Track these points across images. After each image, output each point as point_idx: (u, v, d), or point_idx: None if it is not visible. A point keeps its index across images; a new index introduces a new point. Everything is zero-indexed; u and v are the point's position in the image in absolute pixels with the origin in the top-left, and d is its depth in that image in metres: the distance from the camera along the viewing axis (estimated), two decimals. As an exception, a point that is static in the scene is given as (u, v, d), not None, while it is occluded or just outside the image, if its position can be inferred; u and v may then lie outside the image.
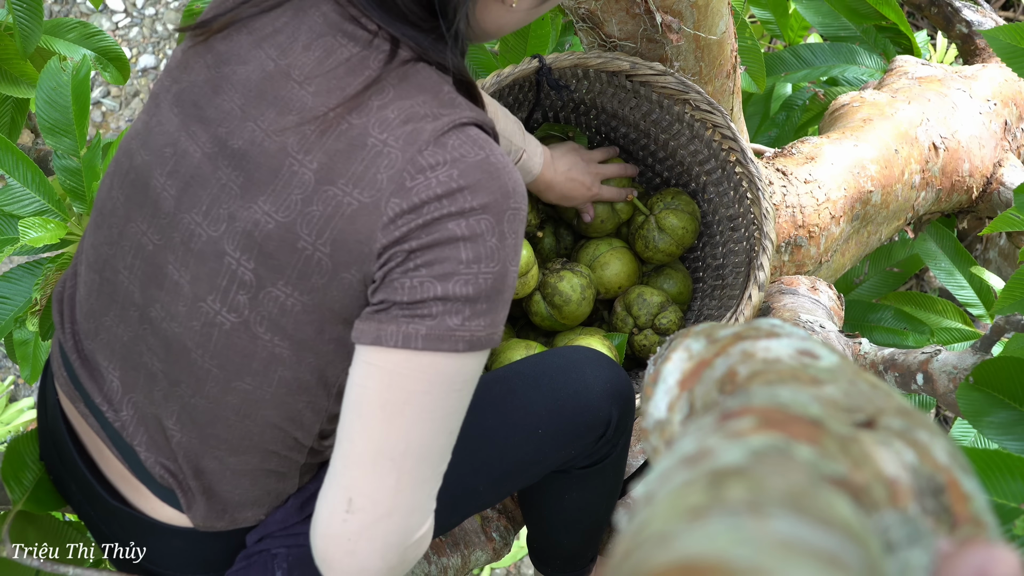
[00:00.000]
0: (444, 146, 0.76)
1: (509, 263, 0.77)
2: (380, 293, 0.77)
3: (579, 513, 1.22)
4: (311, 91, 0.78)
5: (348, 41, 0.80)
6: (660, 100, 1.44)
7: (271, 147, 0.77)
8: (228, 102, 0.80)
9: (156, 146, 0.84)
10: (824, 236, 1.57)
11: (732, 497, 0.27)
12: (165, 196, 0.83)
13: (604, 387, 1.08)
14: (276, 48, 0.80)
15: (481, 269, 0.75)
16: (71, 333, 0.96)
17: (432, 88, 0.79)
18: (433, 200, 0.74)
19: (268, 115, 0.78)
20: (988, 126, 1.76)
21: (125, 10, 3.18)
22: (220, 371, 0.83)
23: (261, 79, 0.79)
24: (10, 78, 1.42)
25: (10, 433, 2.24)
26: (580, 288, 1.37)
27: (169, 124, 0.84)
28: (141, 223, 0.85)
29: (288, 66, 0.79)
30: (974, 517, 0.32)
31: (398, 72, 0.78)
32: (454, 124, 0.77)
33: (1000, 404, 0.86)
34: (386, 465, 0.76)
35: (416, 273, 0.75)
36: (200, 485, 0.89)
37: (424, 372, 0.75)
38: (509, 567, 2.30)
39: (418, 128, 0.76)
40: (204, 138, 0.81)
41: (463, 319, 0.75)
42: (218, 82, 0.81)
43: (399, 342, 0.75)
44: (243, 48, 0.81)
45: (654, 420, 0.48)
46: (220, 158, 0.80)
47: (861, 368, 0.48)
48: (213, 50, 0.83)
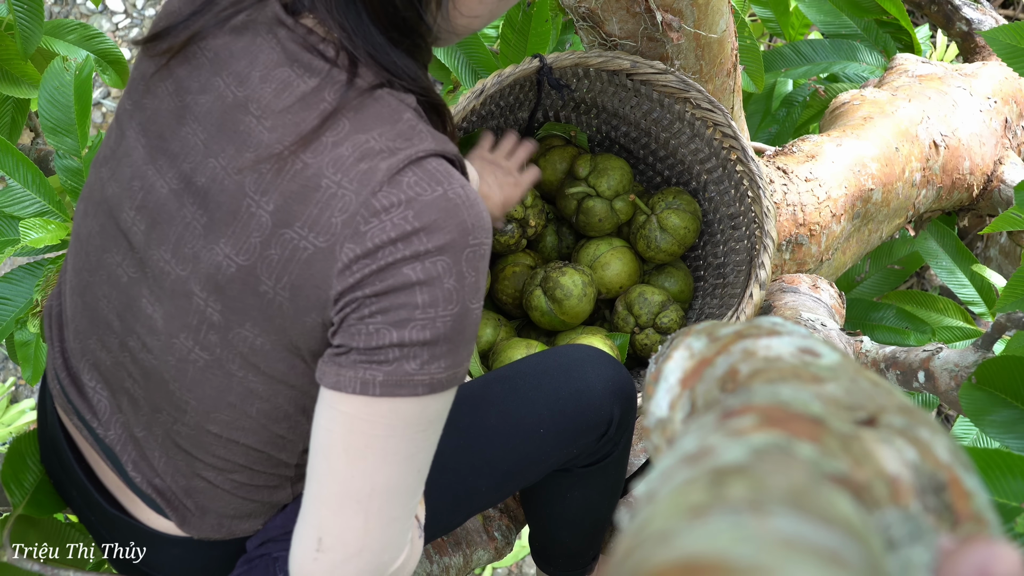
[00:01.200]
0: (399, 185, 0.73)
1: (469, 302, 0.75)
2: (338, 337, 0.75)
3: (581, 512, 1.22)
4: (267, 127, 0.75)
5: (304, 73, 0.76)
6: (661, 99, 1.44)
7: (230, 186, 0.76)
8: (192, 135, 0.78)
9: (124, 178, 0.82)
10: (825, 234, 1.57)
11: (733, 495, 0.27)
12: (135, 231, 0.82)
13: (606, 386, 1.08)
14: (234, 77, 0.77)
15: (438, 313, 0.73)
16: (60, 352, 0.96)
17: (390, 118, 0.76)
18: (388, 244, 0.72)
19: (228, 151, 0.76)
20: (988, 124, 1.76)
21: (125, 11, 3.18)
22: (198, 403, 0.83)
23: (221, 112, 0.77)
24: (11, 78, 1.42)
25: (11, 434, 2.24)
26: (581, 284, 1.37)
27: (136, 155, 0.82)
28: (116, 255, 0.84)
29: (246, 99, 0.77)
30: (976, 515, 0.32)
31: (355, 103, 0.75)
32: (410, 160, 0.74)
33: (1002, 403, 0.86)
34: (353, 507, 0.76)
35: (372, 320, 0.73)
36: (192, 503, 0.89)
37: (384, 417, 0.74)
38: (511, 566, 2.30)
39: (373, 167, 0.73)
40: (170, 174, 0.79)
41: (421, 363, 0.73)
42: (181, 112, 0.79)
43: (357, 388, 0.74)
44: (203, 75, 0.79)
45: (655, 418, 0.48)
46: (185, 195, 0.78)
47: (862, 366, 0.48)
48: (174, 75, 0.80)
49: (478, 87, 1.33)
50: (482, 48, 1.64)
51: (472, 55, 1.63)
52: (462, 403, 0.98)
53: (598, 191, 1.45)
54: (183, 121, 0.79)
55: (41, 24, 1.38)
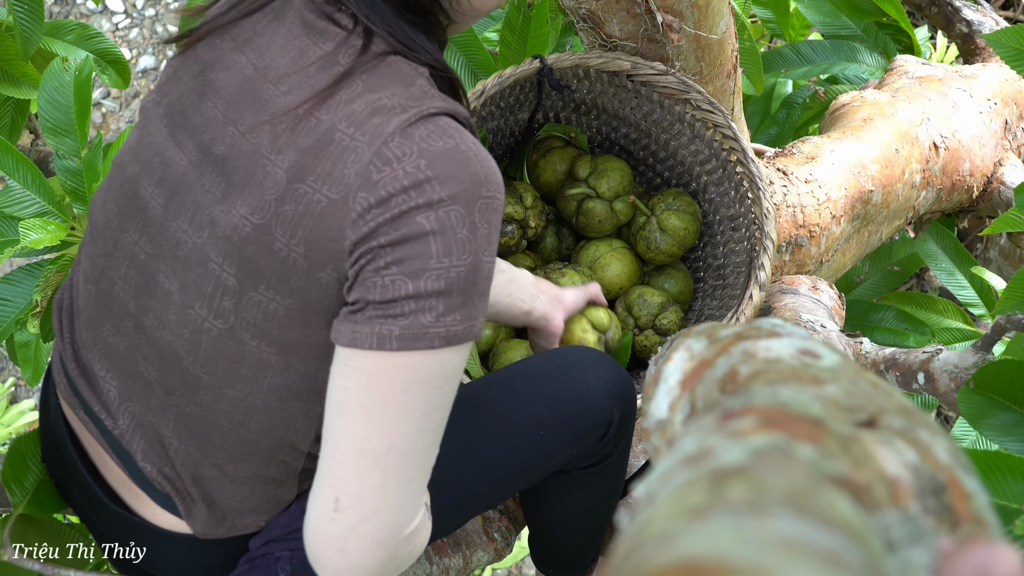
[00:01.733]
0: (411, 137, 0.74)
1: (482, 253, 0.75)
2: (354, 292, 0.76)
3: (581, 513, 1.22)
4: (284, 90, 0.77)
5: (321, 39, 0.79)
6: (661, 100, 1.44)
7: (247, 149, 0.77)
8: (212, 109, 0.80)
9: (145, 156, 0.84)
10: (825, 236, 1.57)
11: (733, 497, 0.27)
12: (154, 205, 0.83)
13: (606, 387, 1.08)
14: (255, 52, 0.80)
15: (452, 262, 0.73)
16: (70, 343, 0.96)
17: (403, 80, 0.78)
18: (400, 192, 0.73)
19: (246, 117, 0.78)
20: (988, 125, 1.76)
21: (125, 11, 3.18)
22: (211, 378, 0.83)
23: (241, 83, 0.79)
24: (11, 79, 1.42)
25: (11, 435, 2.24)
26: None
27: (158, 135, 0.84)
28: (133, 233, 0.85)
29: (265, 68, 0.79)
30: (975, 516, 0.32)
31: (369, 66, 0.77)
32: (422, 115, 0.75)
33: (1000, 406, 0.86)
34: (370, 464, 0.76)
35: (387, 271, 0.74)
36: (199, 492, 0.89)
37: (401, 372, 0.75)
38: (511, 567, 2.30)
39: (385, 120, 0.75)
40: (190, 146, 0.81)
41: (436, 315, 0.74)
42: (203, 90, 0.81)
43: (374, 344, 0.74)
44: (225, 54, 0.81)
45: (655, 420, 0.48)
46: (204, 165, 0.80)
47: (862, 368, 0.48)
48: (198, 59, 0.83)
49: (478, 88, 1.33)
50: (482, 50, 1.64)
51: (472, 57, 1.63)
52: (462, 404, 0.98)
53: (598, 192, 1.45)
54: (204, 97, 0.81)
55: (41, 24, 1.38)
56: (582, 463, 1.13)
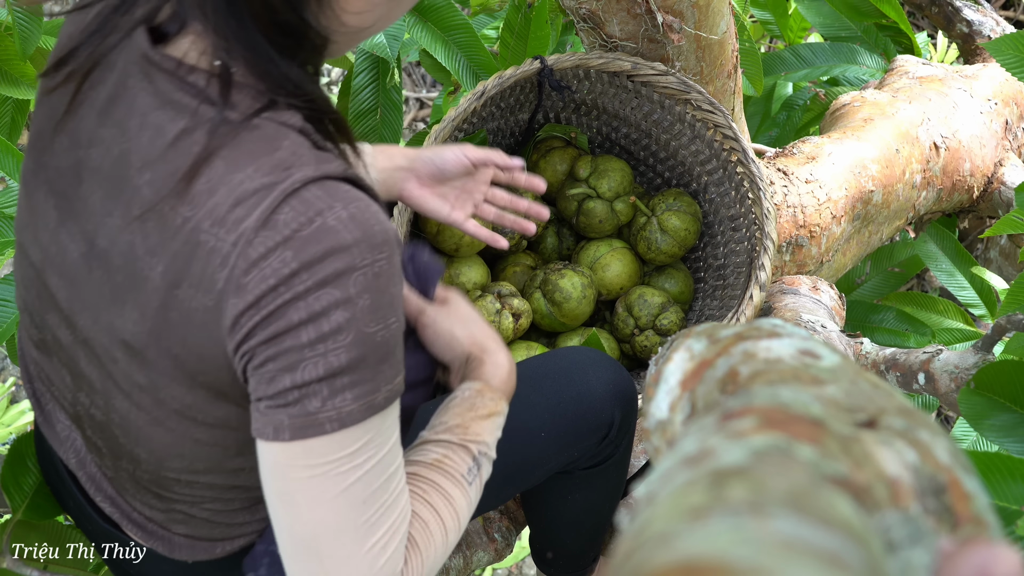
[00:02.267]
0: (275, 226, 0.69)
1: (366, 327, 0.71)
2: (249, 386, 0.74)
3: (582, 514, 1.22)
4: (147, 179, 0.72)
5: (176, 114, 0.72)
6: (661, 100, 1.44)
7: (123, 247, 0.74)
8: (90, 194, 0.76)
9: (44, 243, 0.81)
10: (825, 236, 1.57)
11: (733, 497, 0.27)
12: (61, 297, 0.81)
13: (607, 388, 1.08)
14: (117, 127, 0.74)
15: (328, 347, 0.70)
16: (31, 391, 0.96)
17: (267, 148, 0.71)
18: (269, 292, 0.69)
19: (120, 210, 0.74)
20: (989, 125, 1.76)
21: (126, 11, 3.18)
22: (148, 455, 0.83)
23: (112, 166, 0.74)
24: (10, 79, 1.42)
25: (11, 434, 2.24)
26: (581, 287, 1.37)
27: (48, 217, 0.80)
28: (54, 316, 0.83)
29: (128, 151, 0.73)
30: (975, 516, 0.32)
31: (228, 140, 0.71)
32: (286, 193, 0.70)
33: (1001, 407, 0.86)
34: (304, 552, 0.75)
35: (265, 369, 0.71)
36: (177, 534, 0.90)
37: (301, 459, 0.73)
38: (511, 567, 2.30)
39: (247, 212, 0.69)
40: (78, 237, 0.77)
41: (322, 400, 0.71)
42: (78, 169, 0.77)
43: (270, 435, 0.73)
44: (90, 126, 0.76)
45: (656, 420, 0.48)
46: (92, 259, 0.77)
47: (862, 368, 0.48)
48: (66, 129, 0.78)
49: (479, 89, 1.33)
50: (483, 51, 1.64)
51: (473, 58, 1.63)
52: (463, 405, 0.98)
53: (598, 192, 1.45)
54: (81, 179, 0.77)
55: (40, 24, 1.38)
56: (583, 464, 1.13)
